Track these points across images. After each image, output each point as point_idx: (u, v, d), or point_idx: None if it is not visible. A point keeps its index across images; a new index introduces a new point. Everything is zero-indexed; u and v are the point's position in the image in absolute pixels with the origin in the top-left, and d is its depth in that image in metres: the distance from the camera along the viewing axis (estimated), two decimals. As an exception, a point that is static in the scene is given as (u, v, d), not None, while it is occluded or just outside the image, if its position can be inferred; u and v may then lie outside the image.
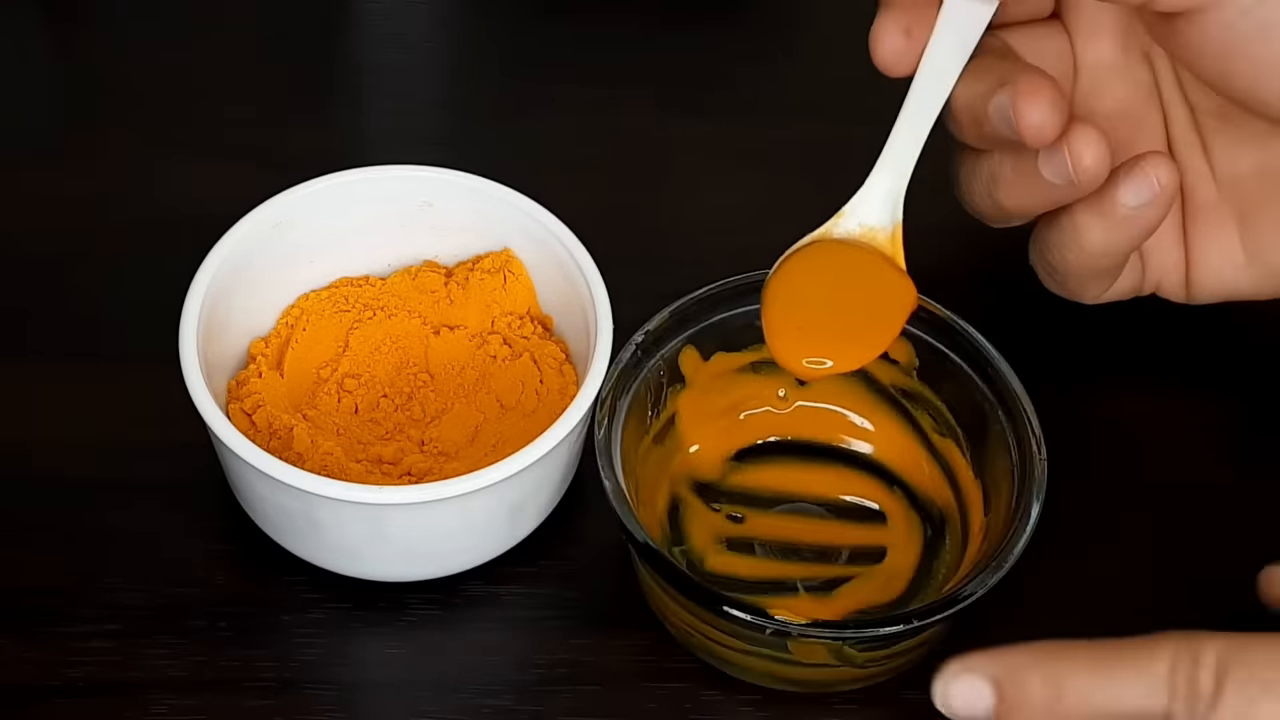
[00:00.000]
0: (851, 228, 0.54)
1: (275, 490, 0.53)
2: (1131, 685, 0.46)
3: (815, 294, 0.54)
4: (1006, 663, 0.48)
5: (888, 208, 0.54)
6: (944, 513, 0.57)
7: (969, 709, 0.48)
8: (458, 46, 0.72)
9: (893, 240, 0.54)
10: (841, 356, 0.54)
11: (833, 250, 0.54)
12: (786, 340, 0.54)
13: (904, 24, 0.53)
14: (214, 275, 0.56)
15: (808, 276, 0.54)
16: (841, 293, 0.54)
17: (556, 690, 0.54)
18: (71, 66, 0.70)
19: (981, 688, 0.47)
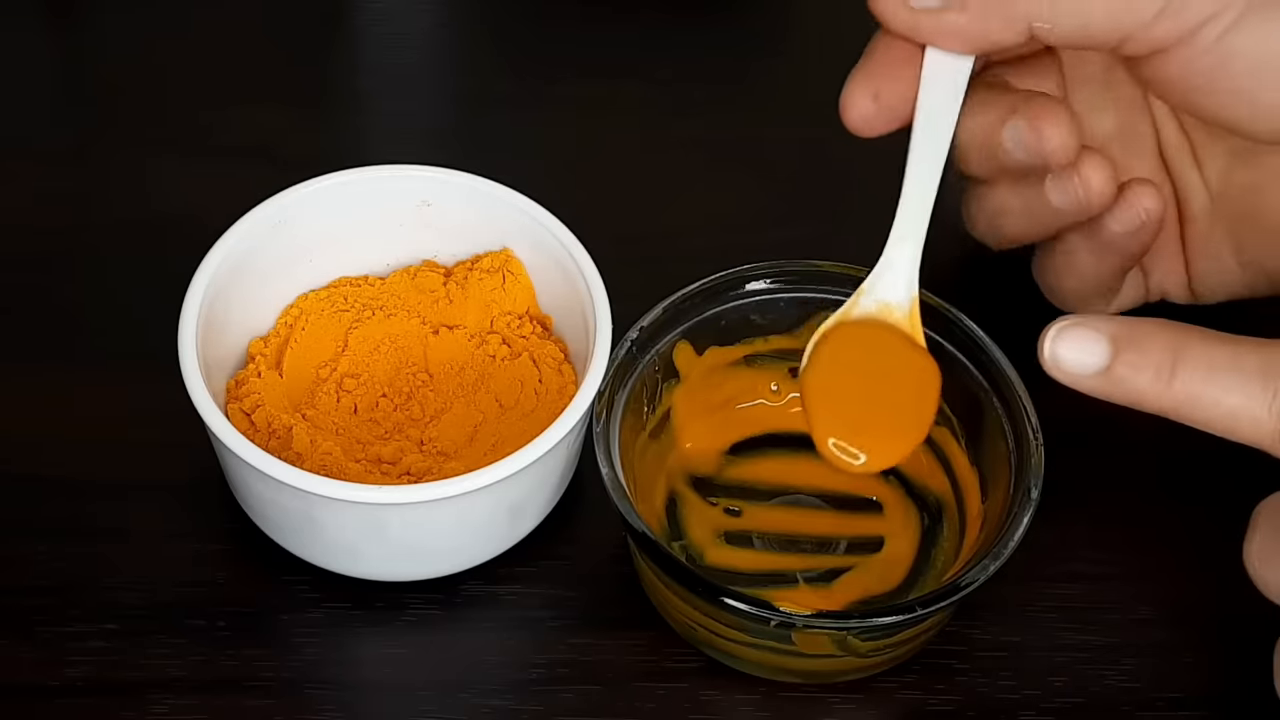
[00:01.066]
0: (869, 306, 0.54)
1: (275, 490, 0.53)
2: (1251, 381, 0.45)
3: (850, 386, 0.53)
4: (1126, 323, 0.47)
5: (905, 283, 0.54)
6: (941, 501, 0.57)
7: (1078, 365, 0.47)
8: (457, 46, 0.72)
9: (911, 318, 0.54)
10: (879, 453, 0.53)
11: (859, 334, 0.54)
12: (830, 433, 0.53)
13: (872, 89, 0.54)
14: (213, 275, 0.56)
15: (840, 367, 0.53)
16: (874, 382, 0.54)
17: (556, 690, 0.54)
18: (71, 66, 0.70)
19: (1097, 343, 0.47)
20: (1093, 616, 0.56)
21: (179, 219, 0.62)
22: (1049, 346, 0.48)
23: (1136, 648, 0.56)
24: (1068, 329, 0.47)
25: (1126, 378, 0.47)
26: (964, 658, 0.55)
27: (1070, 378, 0.48)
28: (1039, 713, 0.54)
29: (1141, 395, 0.47)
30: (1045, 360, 0.48)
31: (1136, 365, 0.47)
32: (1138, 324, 0.47)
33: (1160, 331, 0.47)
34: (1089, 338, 0.47)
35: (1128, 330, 0.47)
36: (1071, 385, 0.49)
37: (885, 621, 0.51)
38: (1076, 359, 0.47)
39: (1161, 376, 0.47)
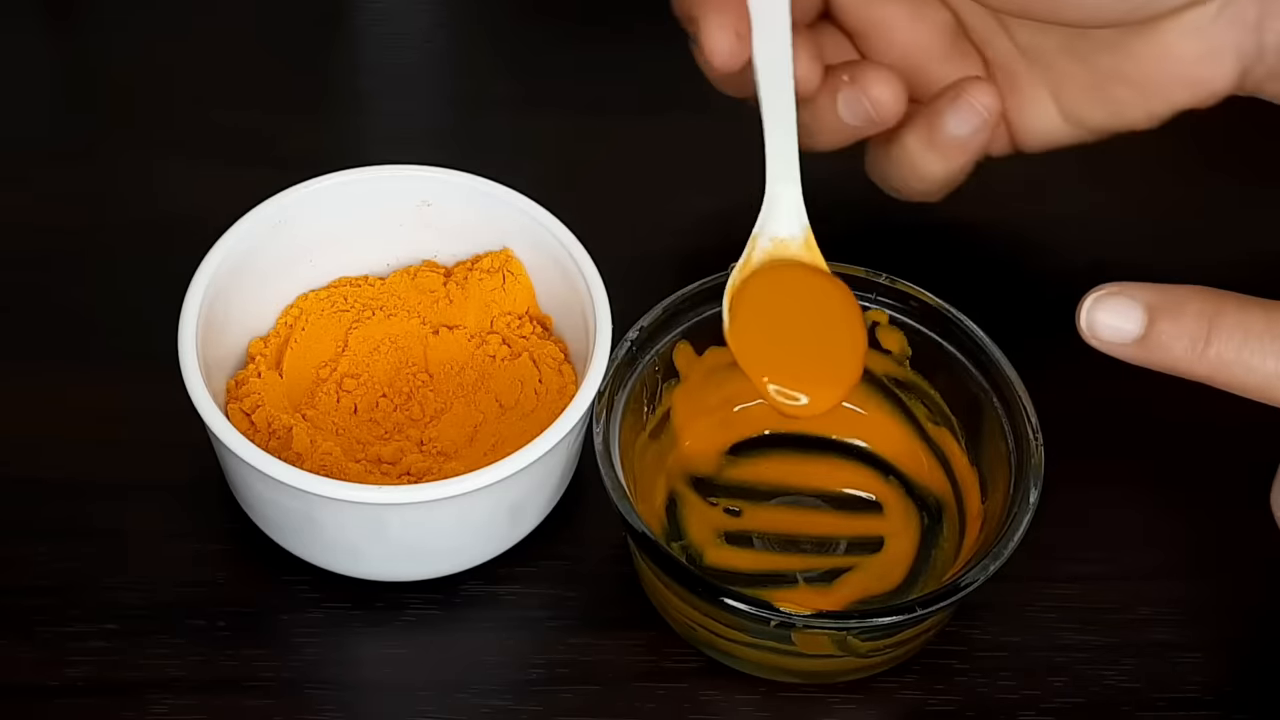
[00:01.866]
0: (766, 246, 0.55)
1: (275, 490, 0.53)
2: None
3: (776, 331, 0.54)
4: (1162, 290, 0.47)
5: (794, 216, 0.54)
6: (940, 501, 0.57)
7: (1114, 333, 0.48)
8: (457, 47, 0.72)
9: (807, 246, 0.55)
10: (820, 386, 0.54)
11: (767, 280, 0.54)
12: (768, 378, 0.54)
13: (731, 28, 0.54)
14: (213, 275, 0.56)
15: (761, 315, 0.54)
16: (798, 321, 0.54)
17: (556, 690, 0.54)
18: (71, 67, 0.70)
19: (1133, 311, 0.48)
20: (1093, 616, 0.56)
21: (179, 219, 0.62)
22: (1086, 315, 0.48)
23: (1136, 648, 0.56)
24: (1104, 298, 0.48)
25: (1162, 345, 0.48)
26: (964, 658, 0.55)
27: (1107, 346, 0.49)
28: (1039, 713, 0.54)
29: (1177, 362, 0.48)
30: (1082, 328, 0.49)
31: (1172, 333, 0.47)
32: (1174, 291, 0.48)
33: (1195, 299, 0.48)
34: (1125, 306, 0.48)
35: (1163, 298, 0.48)
36: (1108, 353, 0.49)
37: (885, 621, 0.51)
38: (1113, 327, 0.48)
39: (1197, 344, 0.47)
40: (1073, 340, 0.62)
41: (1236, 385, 0.48)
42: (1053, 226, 0.66)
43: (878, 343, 0.58)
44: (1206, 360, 0.48)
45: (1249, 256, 0.65)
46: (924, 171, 0.57)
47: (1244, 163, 0.68)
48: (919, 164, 0.57)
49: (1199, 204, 0.67)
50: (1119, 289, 0.48)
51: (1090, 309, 0.48)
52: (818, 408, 0.54)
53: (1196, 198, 0.67)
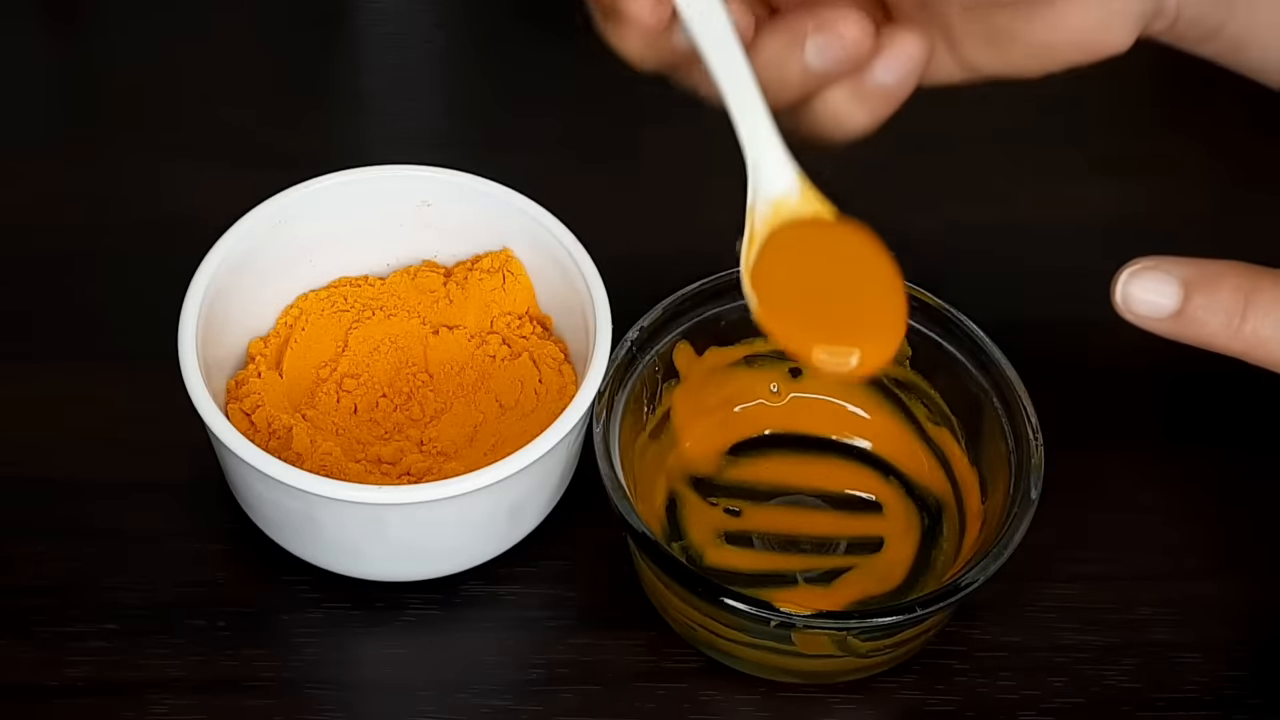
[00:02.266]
0: (766, 212, 0.52)
1: (275, 490, 0.53)
2: None
3: (808, 295, 0.52)
4: (1198, 265, 0.47)
5: (782, 172, 0.52)
6: (940, 501, 0.57)
7: (1150, 308, 0.47)
8: (457, 47, 0.72)
9: (806, 198, 0.52)
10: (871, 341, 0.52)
11: (782, 245, 0.52)
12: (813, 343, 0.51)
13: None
14: (213, 275, 0.56)
15: (787, 285, 0.52)
16: (828, 279, 0.52)
17: (556, 690, 0.54)
18: (72, 67, 0.71)
19: (1169, 286, 0.47)
20: (1093, 616, 0.56)
21: (179, 219, 0.62)
22: (1121, 289, 0.48)
23: (1136, 648, 0.56)
24: (1140, 272, 0.48)
25: (1198, 320, 0.47)
26: (964, 658, 0.55)
27: (1142, 320, 0.49)
28: (1039, 713, 0.54)
29: (1212, 338, 0.48)
30: (1117, 303, 0.48)
31: (1208, 308, 0.47)
32: (1210, 266, 0.48)
33: (1231, 274, 0.47)
34: (1161, 280, 0.47)
35: (1199, 273, 0.47)
36: (1143, 327, 0.49)
37: (885, 621, 0.51)
38: (1149, 301, 0.47)
39: (1233, 319, 0.47)
40: (1073, 340, 0.62)
41: (1273, 362, 0.48)
42: (1053, 226, 0.66)
43: None
44: (1242, 336, 0.47)
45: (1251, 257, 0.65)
46: (847, 122, 0.55)
47: (1245, 163, 0.68)
48: (843, 114, 0.55)
49: (1202, 204, 0.67)
50: (1155, 263, 0.48)
51: (1126, 283, 0.48)
52: (875, 361, 0.51)
53: (1200, 198, 0.67)
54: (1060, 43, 0.55)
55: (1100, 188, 0.67)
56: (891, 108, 0.56)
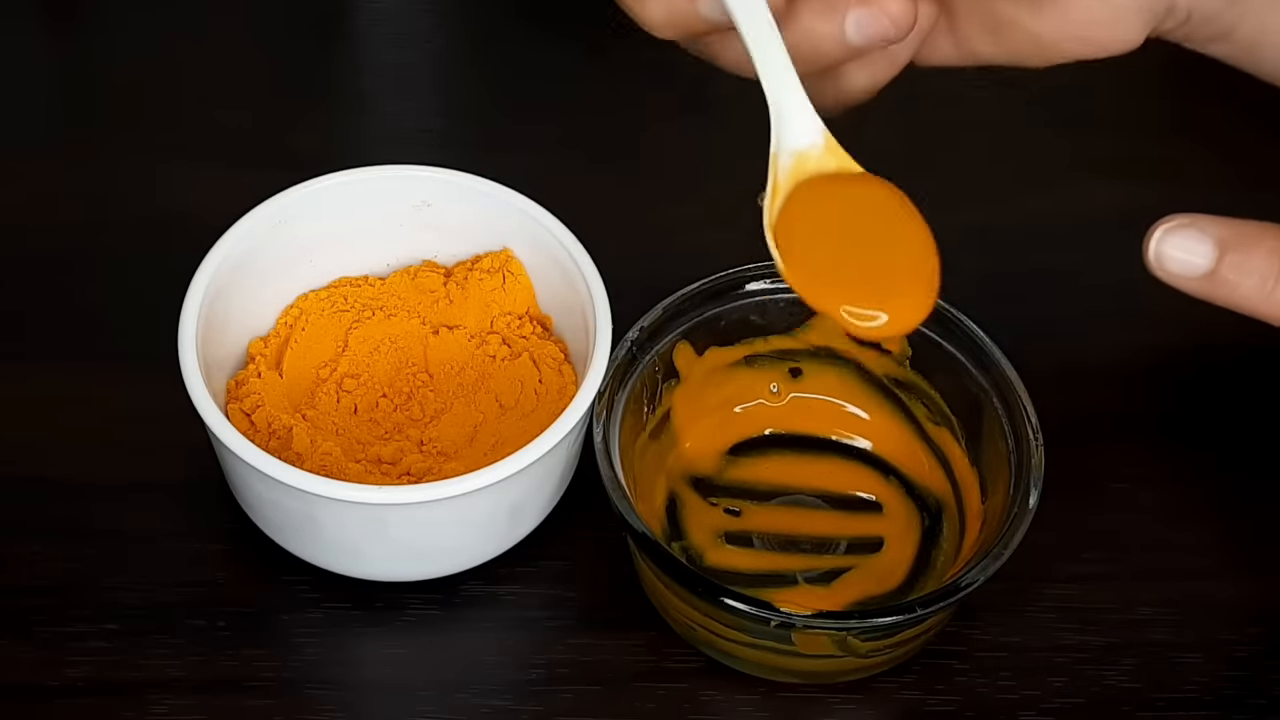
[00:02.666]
0: (789, 163, 0.51)
1: (275, 490, 0.53)
2: None
3: (836, 253, 0.50)
4: (1233, 224, 0.46)
5: (808, 123, 0.51)
6: (940, 501, 0.57)
7: (1183, 266, 0.46)
8: (457, 47, 0.72)
9: (830, 150, 0.51)
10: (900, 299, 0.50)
11: (807, 200, 0.51)
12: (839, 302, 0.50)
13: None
14: (213, 275, 0.56)
15: (813, 241, 0.50)
16: (856, 237, 0.51)
17: (556, 690, 0.54)
18: (72, 67, 0.71)
19: (1202, 244, 0.46)
20: (1093, 616, 0.56)
21: (179, 219, 0.62)
22: (1155, 246, 0.47)
23: (1136, 648, 0.56)
24: (1174, 229, 0.47)
25: (1230, 281, 0.46)
26: (964, 658, 0.55)
27: (1173, 278, 0.47)
28: (1039, 713, 0.54)
29: (1244, 299, 0.47)
30: (1150, 260, 0.47)
31: (1242, 269, 0.46)
32: (1245, 226, 0.46)
33: (1267, 236, 0.46)
34: (1195, 238, 0.46)
35: (1235, 232, 0.46)
36: (1174, 285, 0.48)
37: (885, 622, 0.51)
38: (1182, 259, 0.46)
39: (1267, 282, 0.46)
40: (1073, 340, 0.62)
41: None
42: (1055, 226, 0.66)
43: (878, 342, 0.58)
44: (1274, 300, 0.46)
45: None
46: (846, 86, 0.55)
47: (1248, 164, 0.68)
48: (844, 78, 0.54)
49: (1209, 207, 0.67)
50: (1190, 220, 0.47)
51: (1160, 240, 0.47)
52: (908, 320, 0.50)
53: (1201, 199, 0.67)
54: (1066, 37, 0.54)
55: (1105, 188, 0.67)
56: (892, 73, 0.55)
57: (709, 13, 0.51)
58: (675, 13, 0.52)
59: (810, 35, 0.52)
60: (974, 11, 0.55)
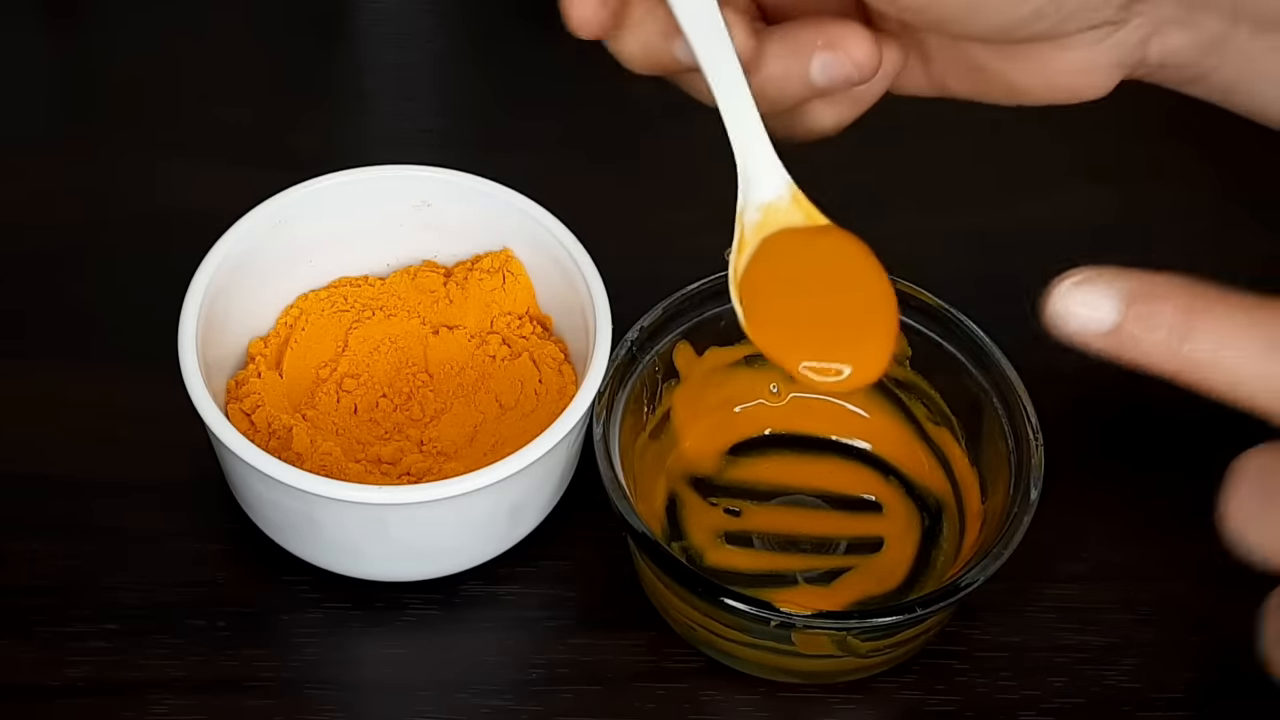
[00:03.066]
0: (755, 217, 0.52)
1: (274, 490, 0.53)
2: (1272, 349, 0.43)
3: (797, 307, 0.52)
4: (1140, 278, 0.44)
5: (774, 176, 0.52)
6: (940, 501, 0.57)
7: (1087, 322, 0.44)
8: (458, 47, 0.72)
9: (796, 202, 0.52)
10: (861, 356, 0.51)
11: (771, 256, 0.52)
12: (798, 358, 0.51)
13: None
14: (213, 275, 0.56)
15: (777, 296, 0.52)
16: (819, 292, 0.52)
17: (556, 690, 0.54)
18: (72, 66, 0.71)
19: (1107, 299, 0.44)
20: (1093, 616, 0.56)
21: (179, 218, 0.62)
22: (1056, 303, 0.45)
23: (1136, 648, 0.56)
24: (1079, 285, 0.44)
25: (1137, 337, 0.44)
26: (964, 658, 0.55)
27: (1078, 336, 0.45)
28: (1039, 713, 0.54)
29: (1150, 357, 0.44)
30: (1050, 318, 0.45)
31: (1148, 324, 0.44)
32: (1152, 281, 0.45)
33: (1175, 291, 0.44)
34: (1100, 294, 0.44)
35: (1141, 287, 0.44)
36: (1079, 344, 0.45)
37: (885, 622, 0.51)
38: (1086, 315, 0.44)
39: (1173, 340, 0.44)
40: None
41: (1213, 388, 0.44)
42: (1054, 227, 0.66)
43: None
44: (1182, 358, 0.44)
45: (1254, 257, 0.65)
46: (814, 123, 0.55)
47: (1241, 167, 0.68)
48: (810, 115, 0.55)
49: (1205, 204, 0.67)
50: (1094, 275, 0.44)
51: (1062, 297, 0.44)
52: (863, 377, 0.51)
53: (1202, 199, 0.67)
54: (1039, 85, 0.55)
55: (1103, 191, 0.67)
56: (859, 111, 0.55)
57: (684, 58, 0.52)
58: (650, 51, 0.52)
59: (776, 77, 0.53)
60: (949, 54, 0.55)
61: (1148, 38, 0.54)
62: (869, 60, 0.52)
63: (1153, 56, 0.54)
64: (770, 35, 0.53)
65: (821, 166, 0.60)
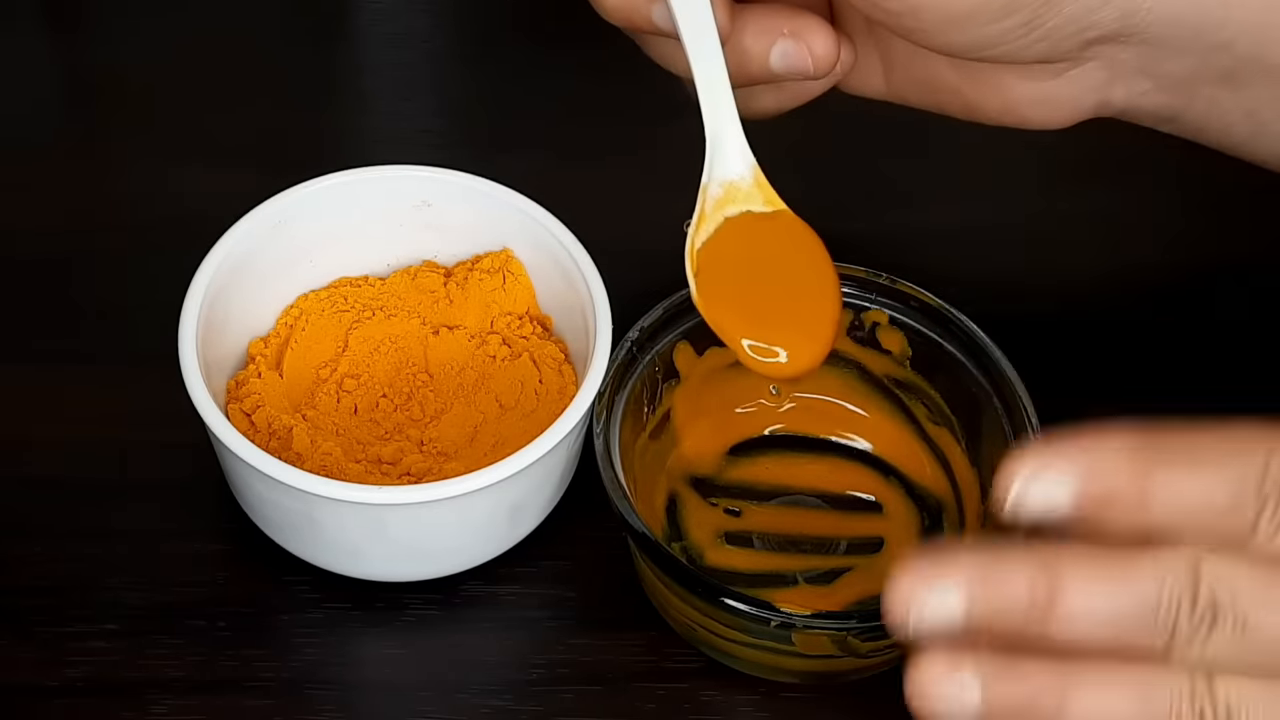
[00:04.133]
0: (718, 193, 0.54)
1: (275, 490, 0.53)
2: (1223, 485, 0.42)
3: (745, 287, 0.53)
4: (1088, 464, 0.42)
5: (740, 155, 0.54)
6: (940, 501, 0.57)
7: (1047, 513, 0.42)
8: (457, 47, 0.72)
9: (758, 184, 0.54)
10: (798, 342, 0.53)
11: (729, 236, 0.54)
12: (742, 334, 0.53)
13: None
14: (214, 275, 0.56)
15: (728, 274, 0.53)
16: (766, 275, 0.54)
17: (556, 690, 0.54)
18: (72, 67, 0.71)
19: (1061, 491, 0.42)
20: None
21: (180, 219, 0.62)
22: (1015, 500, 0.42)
23: (1136, 648, 0.56)
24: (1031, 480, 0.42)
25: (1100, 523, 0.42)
26: (964, 658, 0.55)
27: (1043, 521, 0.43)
28: (1039, 713, 0.54)
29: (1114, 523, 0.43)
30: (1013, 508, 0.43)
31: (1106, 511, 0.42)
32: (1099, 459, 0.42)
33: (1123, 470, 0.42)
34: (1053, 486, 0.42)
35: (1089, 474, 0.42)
36: None
37: (885, 622, 0.51)
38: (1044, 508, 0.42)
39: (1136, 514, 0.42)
40: (1073, 340, 0.62)
41: None
42: (1054, 227, 0.66)
43: (878, 343, 0.58)
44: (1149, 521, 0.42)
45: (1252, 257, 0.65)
46: (754, 104, 0.57)
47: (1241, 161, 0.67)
48: (753, 94, 0.57)
49: (1206, 203, 0.67)
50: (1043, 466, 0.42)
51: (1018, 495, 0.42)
52: (799, 364, 0.53)
53: (1200, 199, 0.67)
54: (993, 107, 0.56)
55: (1104, 188, 0.67)
56: (799, 102, 0.57)
57: (661, 21, 0.53)
58: (629, 7, 0.54)
59: (740, 53, 0.54)
60: (911, 65, 0.56)
61: (1109, 81, 0.55)
62: (827, 56, 0.54)
63: (1117, 100, 0.56)
64: (739, 12, 0.54)
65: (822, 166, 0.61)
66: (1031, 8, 0.51)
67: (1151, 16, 0.53)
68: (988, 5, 0.51)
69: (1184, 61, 0.54)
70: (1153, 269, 0.66)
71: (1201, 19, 0.53)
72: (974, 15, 0.51)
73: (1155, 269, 0.66)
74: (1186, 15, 0.53)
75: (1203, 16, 0.53)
